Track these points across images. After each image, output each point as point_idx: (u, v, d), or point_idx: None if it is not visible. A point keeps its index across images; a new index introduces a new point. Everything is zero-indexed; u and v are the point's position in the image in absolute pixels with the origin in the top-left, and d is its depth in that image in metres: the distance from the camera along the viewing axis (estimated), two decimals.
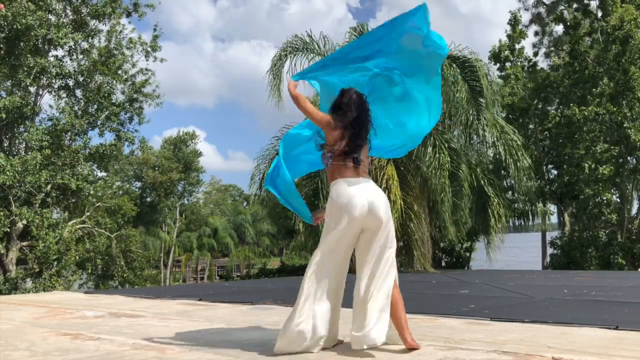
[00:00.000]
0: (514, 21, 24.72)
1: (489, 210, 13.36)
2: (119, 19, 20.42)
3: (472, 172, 13.33)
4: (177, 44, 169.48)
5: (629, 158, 19.33)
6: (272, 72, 13.53)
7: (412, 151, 12.68)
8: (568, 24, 23.33)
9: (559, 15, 23.76)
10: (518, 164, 13.45)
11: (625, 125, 18.48)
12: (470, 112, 12.45)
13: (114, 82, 20.17)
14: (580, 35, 21.69)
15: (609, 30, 19.47)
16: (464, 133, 13.01)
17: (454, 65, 12.47)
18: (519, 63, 24.98)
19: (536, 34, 25.10)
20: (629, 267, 17.81)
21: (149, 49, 21.22)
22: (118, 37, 20.61)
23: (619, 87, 18.86)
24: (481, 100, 12.55)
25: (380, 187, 11.98)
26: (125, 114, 20.89)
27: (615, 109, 18.60)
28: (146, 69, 21.58)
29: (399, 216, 11.91)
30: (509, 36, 24.83)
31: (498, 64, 24.67)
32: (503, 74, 24.65)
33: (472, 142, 13.17)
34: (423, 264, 12.39)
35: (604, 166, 18.42)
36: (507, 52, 24.64)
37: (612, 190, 20.27)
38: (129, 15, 20.80)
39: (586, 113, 18.89)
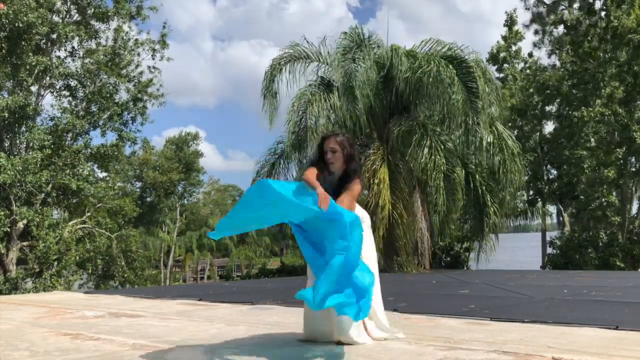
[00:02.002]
0: (510, 22, 24.70)
1: (485, 219, 13.33)
2: (124, 20, 20.40)
3: (472, 178, 13.25)
4: (177, 43, 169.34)
5: (632, 160, 19.34)
6: (265, 92, 13.29)
7: (407, 152, 12.64)
8: (568, 24, 23.29)
9: (559, 17, 23.71)
10: (513, 183, 13.39)
11: (632, 129, 18.43)
12: (469, 114, 12.30)
13: (118, 82, 20.13)
14: (587, 36, 21.52)
15: (621, 32, 19.21)
16: (464, 134, 12.82)
17: (451, 67, 12.29)
18: (516, 65, 24.98)
19: (536, 32, 25.11)
20: (629, 268, 17.79)
21: (157, 47, 21.12)
22: (124, 37, 20.58)
23: (629, 89, 18.80)
24: (478, 101, 12.38)
25: (371, 190, 11.98)
26: (129, 113, 20.83)
27: (621, 111, 18.57)
28: (154, 67, 21.54)
29: (387, 220, 11.82)
30: (504, 38, 24.83)
31: (496, 65, 24.68)
32: (501, 75, 24.65)
33: (469, 144, 12.99)
34: (407, 266, 12.24)
35: (609, 168, 18.35)
36: (504, 54, 24.65)
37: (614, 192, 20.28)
38: (131, 18, 20.77)
39: (592, 114, 18.84)
